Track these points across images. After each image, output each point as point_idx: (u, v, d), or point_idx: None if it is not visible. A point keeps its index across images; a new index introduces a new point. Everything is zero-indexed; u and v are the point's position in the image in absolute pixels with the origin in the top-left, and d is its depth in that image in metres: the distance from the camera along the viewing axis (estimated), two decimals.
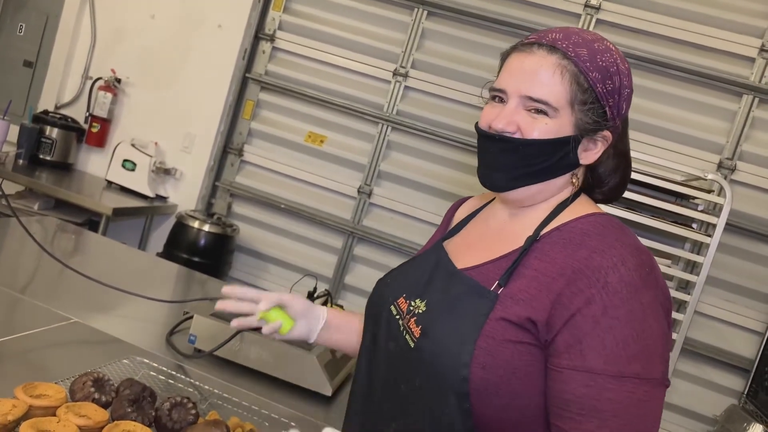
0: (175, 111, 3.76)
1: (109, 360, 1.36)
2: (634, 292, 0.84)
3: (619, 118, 0.96)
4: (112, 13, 3.86)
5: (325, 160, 3.64)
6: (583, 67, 0.92)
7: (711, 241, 2.62)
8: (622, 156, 1.02)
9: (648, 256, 0.89)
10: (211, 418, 1.18)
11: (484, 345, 0.87)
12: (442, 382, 0.90)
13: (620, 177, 1.03)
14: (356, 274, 3.58)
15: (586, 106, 0.92)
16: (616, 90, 0.94)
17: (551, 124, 0.92)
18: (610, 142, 0.97)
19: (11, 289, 1.67)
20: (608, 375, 0.82)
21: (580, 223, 0.93)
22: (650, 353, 0.83)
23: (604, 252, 0.86)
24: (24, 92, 4.03)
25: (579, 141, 0.94)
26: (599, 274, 0.85)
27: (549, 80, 0.91)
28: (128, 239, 3.68)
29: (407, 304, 1.00)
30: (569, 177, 0.98)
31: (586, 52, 0.92)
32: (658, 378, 0.83)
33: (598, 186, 1.02)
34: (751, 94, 3.06)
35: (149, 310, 1.81)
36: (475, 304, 0.92)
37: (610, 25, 3.21)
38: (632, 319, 0.83)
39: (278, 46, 3.72)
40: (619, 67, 0.94)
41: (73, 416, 1.03)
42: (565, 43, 0.93)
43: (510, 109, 0.94)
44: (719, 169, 3.09)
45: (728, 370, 3.11)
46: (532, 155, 0.93)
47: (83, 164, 3.91)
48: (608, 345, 0.83)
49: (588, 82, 0.92)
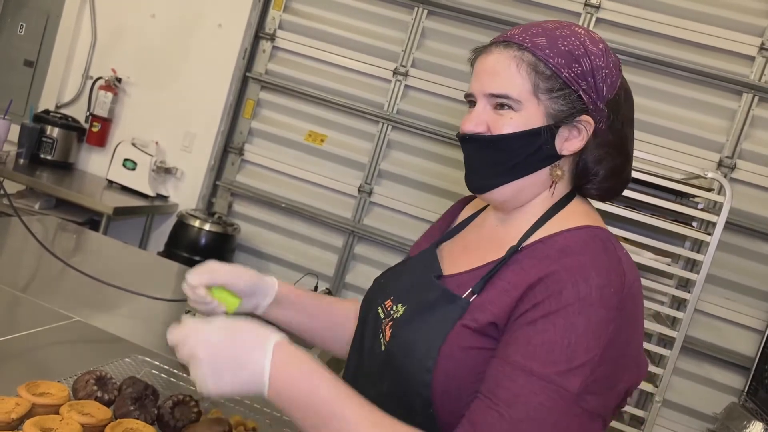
0: (175, 110, 3.76)
1: (111, 358, 1.37)
2: (586, 308, 0.80)
3: (600, 101, 0.93)
4: (112, 13, 3.87)
5: (326, 159, 3.64)
6: (541, 54, 0.90)
7: (711, 239, 2.62)
8: (612, 145, 0.96)
9: (621, 278, 0.84)
10: (214, 416, 1.19)
11: (447, 351, 0.87)
12: (406, 387, 0.89)
13: (609, 169, 0.96)
14: (357, 273, 3.59)
15: (554, 93, 0.90)
16: (588, 72, 0.91)
17: (517, 117, 0.91)
18: (593, 128, 0.93)
19: (13, 288, 1.68)
20: (520, 368, 0.80)
21: (562, 237, 0.90)
22: (573, 367, 0.79)
23: (572, 270, 0.83)
24: (25, 92, 4.03)
25: (554, 131, 0.92)
26: (556, 286, 0.82)
27: (506, 74, 0.91)
28: (129, 238, 3.68)
29: (391, 307, 1.00)
30: (550, 171, 0.95)
31: (545, 39, 0.91)
32: (571, 392, 0.78)
33: (585, 179, 0.97)
34: (751, 93, 3.06)
35: (151, 308, 1.81)
36: (445, 310, 0.91)
37: (610, 24, 3.21)
38: (570, 330, 0.79)
39: (278, 46, 3.72)
40: (587, 49, 0.91)
41: (76, 414, 1.04)
42: (522, 36, 0.92)
43: (478, 110, 0.94)
44: (719, 167, 3.09)
45: (728, 368, 3.11)
46: (505, 151, 0.92)
47: (84, 164, 3.92)
48: (533, 343, 0.80)
49: (550, 69, 0.90)
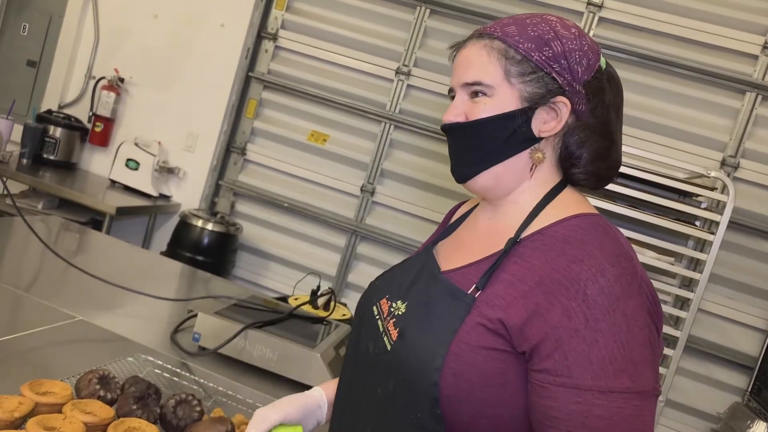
0: (178, 110, 3.77)
1: (113, 358, 1.37)
2: (616, 303, 0.81)
3: (576, 82, 0.93)
4: (115, 13, 3.87)
5: (328, 158, 3.64)
6: (511, 41, 0.93)
7: (714, 238, 2.61)
8: (594, 128, 0.95)
9: (630, 263, 0.86)
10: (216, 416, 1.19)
11: (456, 350, 0.86)
12: (414, 386, 0.88)
13: (592, 151, 0.96)
14: (359, 273, 3.59)
15: (527, 77, 0.92)
16: (560, 55, 0.92)
17: (491, 103, 0.93)
18: (569, 109, 0.93)
19: (16, 288, 1.68)
20: (596, 391, 0.80)
21: (562, 227, 0.90)
22: (638, 365, 0.81)
23: (582, 261, 0.84)
24: (27, 92, 4.04)
25: (530, 113, 0.93)
26: (578, 286, 0.82)
27: (477, 62, 0.94)
28: (132, 238, 3.69)
29: (389, 305, 0.99)
30: (529, 153, 0.95)
31: (515, 28, 0.94)
32: (648, 390, 0.81)
33: (569, 163, 0.97)
34: (755, 92, 3.06)
35: (153, 308, 1.81)
36: (451, 307, 0.90)
37: (613, 23, 3.21)
38: (616, 331, 0.81)
39: (281, 45, 3.72)
40: (558, 33, 0.93)
41: (79, 413, 1.04)
42: (493, 27, 0.96)
43: (456, 102, 0.97)
44: (722, 166, 3.08)
45: (732, 368, 3.11)
46: (481, 136, 0.94)
47: (87, 163, 3.92)
48: (594, 360, 0.80)
49: (520, 54, 0.92)
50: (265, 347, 1.53)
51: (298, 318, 1.75)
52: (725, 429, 2.79)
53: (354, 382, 1.03)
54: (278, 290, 3.60)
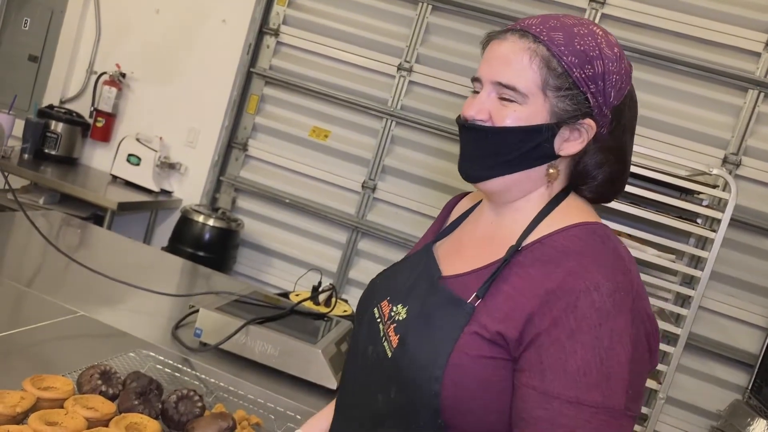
0: (179, 106, 3.76)
1: (115, 353, 1.37)
2: (605, 319, 0.81)
3: (606, 106, 0.91)
4: (116, 8, 3.87)
5: (330, 154, 3.64)
6: (556, 51, 0.88)
7: (716, 236, 2.61)
8: (612, 151, 0.95)
9: (626, 277, 0.84)
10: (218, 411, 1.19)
11: (456, 360, 0.85)
12: (415, 396, 0.88)
13: (608, 174, 0.95)
14: (360, 269, 3.59)
15: (562, 92, 0.89)
16: (599, 75, 0.89)
17: (521, 111, 0.89)
18: (594, 132, 0.91)
19: (18, 283, 1.68)
20: (565, 400, 0.79)
21: (562, 237, 0.89)
22: (613, 382, 0.80)
23: (578, 274, 0.83)
24: (29, 87, 4.03)
25: (555, 130, 0.90)
26: (570, 298, 0.82)
27: (517, 64, 0.89)
28: (133, 234, 3.69)
29: (390, 308, 0.98)
30: (546, 169, 0.93)
31: (562, 35, 0.89)
32: (618, 408, 0.80)
33: (582, 181, 0.96)
34: (757, 89, 3.05)
35: (155, 303, 1.81)
36: (451, 315, 0.89)
37: (615, 20, 3.20)
38: (597, 345, 0.80)
39: (282, 41, 3.71)
40: (602, 52, 0.90)
41: (81, 408, 1.05)
42: (539, 28, 0.90)
43: (482, 97, 0.93)
44: (724, 164, 3.08)
45: (732, 366, 3.11)
46: (503, 144, 0.91)
47: (88, 159, 3.92)
48: (569, 369, 0.80)
49: (562, 66, 0.88)
50: (267, 343, 1.53)
51: (300, 314, 1.75)
52: (726, 426, 2.80)
53: (356, 385, 1.02)
54: (279, 286, 3.60)
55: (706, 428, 3.12)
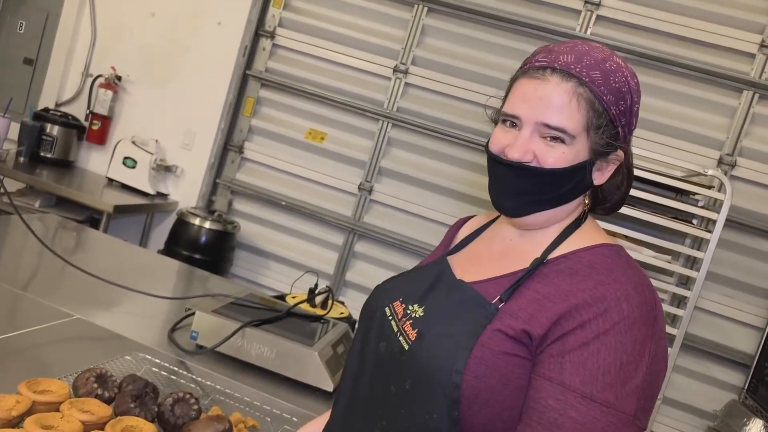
0: (175, 108, 3.76)
1: (111, 356, 1.37)
2: (630, 327, 0.84)
3: (630, 134, 0.96)
4: (112, 11, 3.87)
5: (326, 157, 3.64)
6: (598, 91, 0.90)
7: (711, 236, 2.62)
8: (626, 173, 1.01)
9: (652, 294, 0.89)
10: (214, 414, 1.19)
11: (479, 354, 0.87)
12: (433, 386, 0.89)
13: (623, 192, 1.02)
14: (357, 271, 3.59)
15: (601, 129, 0.92)
16: (628, 109, 0.93)
17: (568, 152, 0.91)
18: (622, 161, 0.97)
19: (13, 286, 1.68)
20: (579, 394, 0.82)
21: (589, 254, 0.93)
22: (628, 388, 0.82)
23: (609, 285, 0.87)
24: (24, 90, 4.03)
25: (594, 164, 0.94)
26: (600, 305, 0.85)
27: (566, 108, 0.90)
28: (129, 236, 3.68)
29: (403, 308, 0.99)
30: (582, 199, 0.99)
31: (599, 74, 0.91)
32: (629, 414, 0.82)
33: (602, 202, 1.02)
34: (752, 90, 3.06)
35: (151, 306, 1.81)
36: (474, 313, 0.92)
37: (611, 22, 3.21)
38: (620, 350, 0.83)
39: (278, 43, 3.72)
40: (630, 86, 0.93)
41: (77, 412, 1.04)
42: (579, 67, 0.90)
43: (525, 137, 0.92)
44: (719, 165, 3.09)
45: (728, 366, 3.12)
46: (549, 183, 0.93)
47: (84, 162, 3.92)
48: (589, 366, 0.82)
49: (603, 106, 0.91)
50: (263, 345, 1.53)
51: (296, 316, 1.75)
52: (722, 426, 2.80)
53: (361, 381, 1.03)
54: (276, 288, 3.60)
55: (702, 428, 3.12)
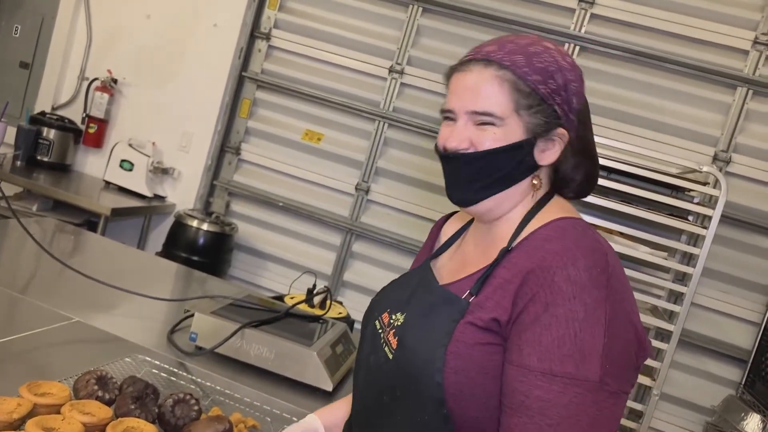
0: (172, 111, 3.76)
1: (111, 358, 1.38)
2: (579, 292, 0.84)
3: (571, 113, 0.98)
4: (107, 14, 3.87)
5: (323, 157, 3.65)
6: (521, 72, 0.94)
7: (707, 232, 2.63)
8: (583, 152, 1.02)
9: (603, 257, 0.88)
10: (214, 414, 1.19)
11: (454, 349, 0.89)
12: (419, 390, 0.91)
13: (584, 173, 1.03)
14: (355, 271, 3.60)
15: (533, 108, 0.95)
16: (561, 87, 0.96)
17: (500, 133, 0.95)
18: (567, 139, 0.98)
19: (12, 290, 1.68)
20: (539, 372, 0.83)
21: (545, 229, 0.95)
22: (586, 354, 0.82)
23: (556, 253, 0.88)
24: (20, 94, 4.03)
25: (533, 144, 0.96)
26: (547, 274, 0.86)
27: (490, 92, 0.94)
28: (127, 239, 3.69)
29: (389, 318, 1.03)
30: (530, 180, 1.00)
31: (522, 57, 0.95)
32: (593, 381, 0.82)
33: (564, 185, 1.04)
34: (746, 87, 3.08)
35: (150, 308, 1.82)
36: (446, 312, 0.94)
37: (605, 20, 3.22)
38: (571, 318, 0.83)
39: (274, 45, 3.72)
40: (559, 64, 0.96)
41: (78, 414, 1.05)
42: (500, 54, 0.96)
43: (460, 127, 0.97)
44: (714, 161, 3.10)
45: (725, 361, 3.13)
46: (489, 166, 0.96)
47: (81, 165, 3.92)
48: (544, 342, 0.83)
49: (529, 86, 0.94)
50: (262, 346, 1.54)
51: (295, 317, 1.76)
52: (720, 422, 2.81)
53: (362, 392, 1.06)
54: (274, 289, 3.61)
55: (700, 424, 3.14)
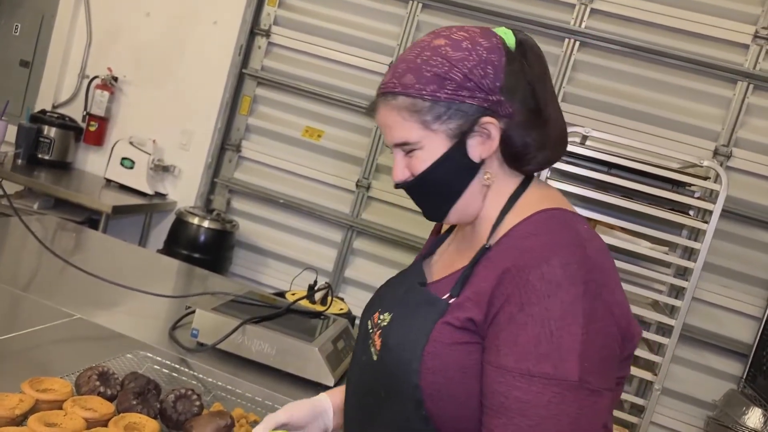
0: (172, 108, 3.76)
1: (112, 355, 1.38)
2: (555, 290, 0.82)
3: (491, 94, 0.92)
4: (107, 12, 3.87)
5: (323, 154, 3.65)
6: (413, 92, 0.93)
7: (708, 227, 2.63)
8: (527, 123, 0.94)
9: (580, 251, 0.86)
10: (216, 410, 1.20)
11: (432, 350, 0.89)
12: (399, 390, 0.92)
13: (536, 143, 0.95)
14: (356, 268, 3.60)
15: (443, 117, 0.92)
16: (463, 79, 0.91)
17: (425, 154, 0.95)
18: (498, 124, 0.93)
19: (14, 287, 1.69)
20: (517, 373, 0.82)
21: (525, 225, 0.92)
22: (564, 353, 0.80)
23: (532, 251, 0.86)
24: (21, 92, 4.03)
25: (464, 145, 0.94)
26: (522, 273, 0.84)
27: (393, 124, 0.96)
28: (128, 237, 3.69)
29: (378, 318, 1.03)
30: (482, 176, 0.97)
31: (411, 75, 0.93)
32: (572, 380, 0.80)
33: (523, 162, 0.97)
34: (746, 81, 3.07)
35: (151, 305, 1.82)
36: (426, 313, 0.93)
37: (605, 15, 3.21)
38: (547, 317, 0.81)
39: (274, 41, 3.72)
40: (451, 60, 0.91)
41: (80, 409, 1.05)
42: (392, 82, 0.95)
43: (397, 161, 0.99)
44: (715, 155, 3.10)
45: (727, 356, 3.13)
46: (431, 185, 0.97)
47: (82, 163, 3.92)
48: (520, 342, 0.82)
49: (428, 100, 0.92)
50: (264, 342, 1.54)
51: (296, 313, 1.76)
52: (721, 416, 2.82)
53: (356, 395, 1.06)
54: (275, 286, 3.61)
55: (701, 418, 3.14)
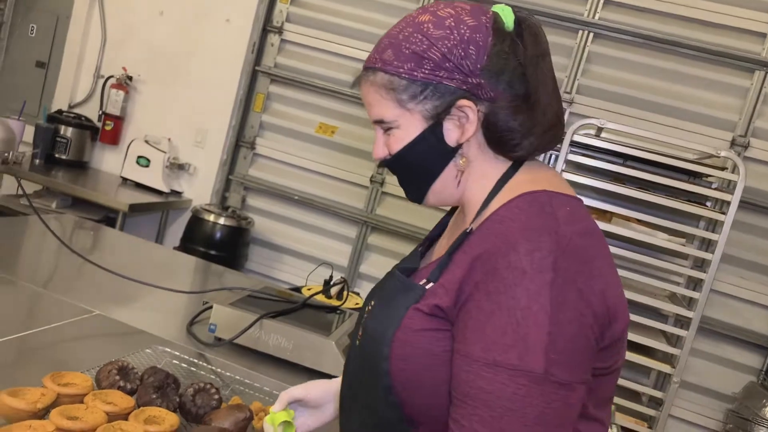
0: (186, 106, 3.79)
1: (132, 350, 1.40)
2: (520, 278, 0.80)
3: (471, 76, 0.89)
4: (121, 12, 3.90)
5: (337, 150, 3.65)
6: (392, 69, 0.91)
7: (725, 218, 2.61)
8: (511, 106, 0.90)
9: (551, 237, 0.82)
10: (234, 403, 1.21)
11: (401, 337, 0.88)
12: (372, 376, 0.92)
13: (526, 125, 0.91)
14: (371, 263, 3.61)
15: (419, 97, 0.90)
16: (442, 59, 0.89)
17: (401, 133, 0.94)
18: (476, 107, 0.90)
19: (35, 285, 1.71)
20: (483, 362, 0.80)
21: (504, 209, 0.89)
22: (531, 344, 0.78)
23: (501, 236, 0.84)
24: (38, 93, 4.07)
25: (438, 128, 0.92)
26: (491, 260, 0.82)
27: (372, 101, 0.95)
28: (145, 234, 3.72)
29: (368, 306, 1.03)
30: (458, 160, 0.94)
31: (391, 51, 0.92)
32: (537, 372, 0.77)
33: (506, 148, 0.93)
34: (763, 70, 3.03)
35: (169, 301, 1.84)
36: (403, 299, 0.92)
37: (618, 5, 3.18)
38: (513, 306, 0.79)
39: (287, 38, 3.73)
40: (431, 38, 0.89)
41: (101, 403, 1.07)
42: (374, 57, 0.95)
43: (378, 138, 0.99)
44: (732, 146, 3.07)
45: (746, 348, 3.10)
46: (406, 165, 0.97)
47: (98, 162, 3.96)
48: (487, 331, 0.80)
49: (405, 78, 0.90)
50: (281, 336, 1.55)
51: (312, 307, 1.77)
52: (741, 409, 2.80)
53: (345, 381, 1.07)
54: (291, 282, 3.62)
55: (721, 411, 3.12)
